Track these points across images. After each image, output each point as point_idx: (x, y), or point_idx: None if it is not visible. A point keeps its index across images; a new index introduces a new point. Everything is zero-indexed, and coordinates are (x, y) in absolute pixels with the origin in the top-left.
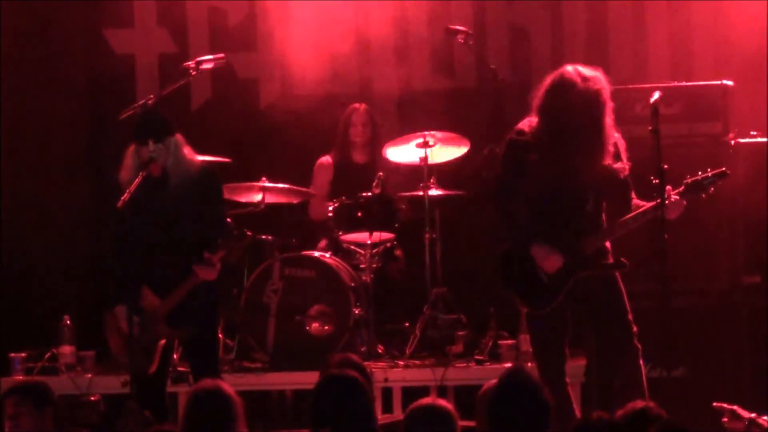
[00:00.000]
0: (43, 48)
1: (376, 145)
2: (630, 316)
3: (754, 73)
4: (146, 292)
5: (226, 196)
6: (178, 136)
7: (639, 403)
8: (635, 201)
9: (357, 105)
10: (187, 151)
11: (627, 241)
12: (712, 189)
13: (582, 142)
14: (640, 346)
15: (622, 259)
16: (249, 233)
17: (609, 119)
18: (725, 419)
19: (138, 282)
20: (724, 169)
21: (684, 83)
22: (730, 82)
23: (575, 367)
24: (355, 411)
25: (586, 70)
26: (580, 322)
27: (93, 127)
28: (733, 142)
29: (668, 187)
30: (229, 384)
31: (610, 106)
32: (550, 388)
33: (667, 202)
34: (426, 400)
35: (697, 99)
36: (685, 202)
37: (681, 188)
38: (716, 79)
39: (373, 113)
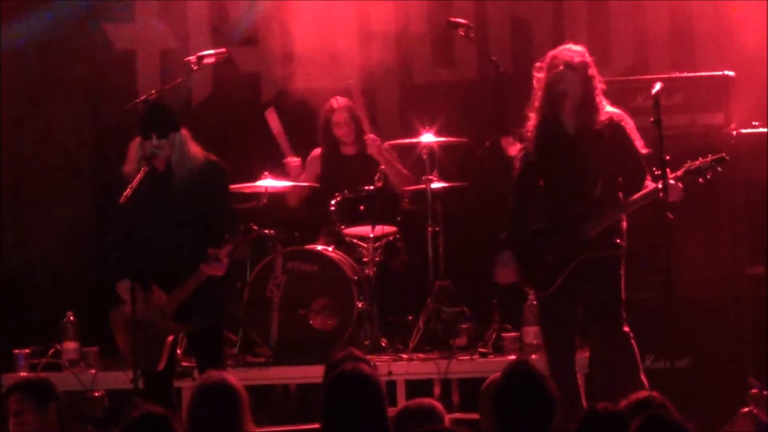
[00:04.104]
0: (43, 44)
1: (360, 136)
2: (618, 302)
3: (755, 64)
4: (153, 288)
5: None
6: (184, 132)
7: (642, 393)
8: (647, 184)
9: (334, 103)
10: (193, 146)
11: (632, 230)
12: (710, 174)
13: (574, 104)
14: (628, 331)
15: (617, 240)
16: (255, 227)
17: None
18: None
19: (143, 276)
20: (723, 154)
21: (685, 74)
22: (731, 73)
23: (580, 359)
24: (368, 407)
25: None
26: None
27: (95, 123)
28: (734, 132)
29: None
30: None
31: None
32: (559, 377)
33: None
34: (411, 402)
35: (699, 90)
36: (681, 186)
37: (679, 172)
38: (717, 70)
39: (351, 106)
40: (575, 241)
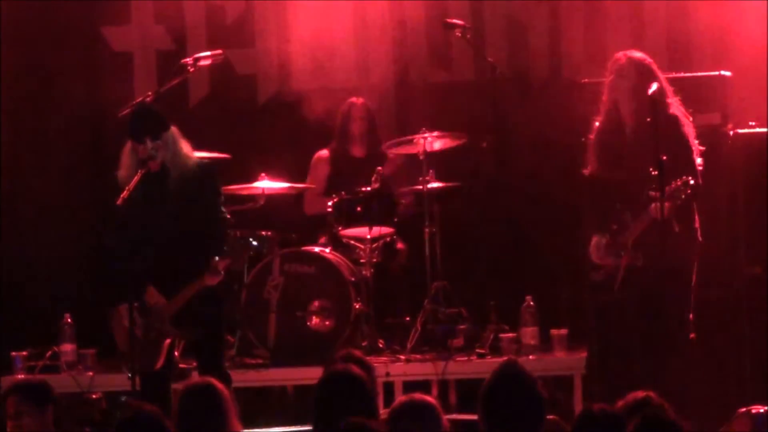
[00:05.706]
0: (41, 46)
1: (373, 138)
2: (657, 311)
3: (753, 64)
4: (152, 291)
5: (226, 191)
6: (174, 130)
7: (640, 393)
8: None
9: (355, 99)
10: (184, 143)
11: None
12: (684, 196)
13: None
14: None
15: (661, 248)
16: (254, 243)
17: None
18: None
19: (142, 279)
20: (688, 178)
21: (682, 74)
22: (728, 73)
23: (577, 359)
24: (358, 407)
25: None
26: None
27: (92, 125)
28: (732, 132)
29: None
30: (231, 380)
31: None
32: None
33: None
34: (405, 397)
35: (696, 90)
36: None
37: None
38: (715, 70)
39: (370, 107)
40: (619, 249)
